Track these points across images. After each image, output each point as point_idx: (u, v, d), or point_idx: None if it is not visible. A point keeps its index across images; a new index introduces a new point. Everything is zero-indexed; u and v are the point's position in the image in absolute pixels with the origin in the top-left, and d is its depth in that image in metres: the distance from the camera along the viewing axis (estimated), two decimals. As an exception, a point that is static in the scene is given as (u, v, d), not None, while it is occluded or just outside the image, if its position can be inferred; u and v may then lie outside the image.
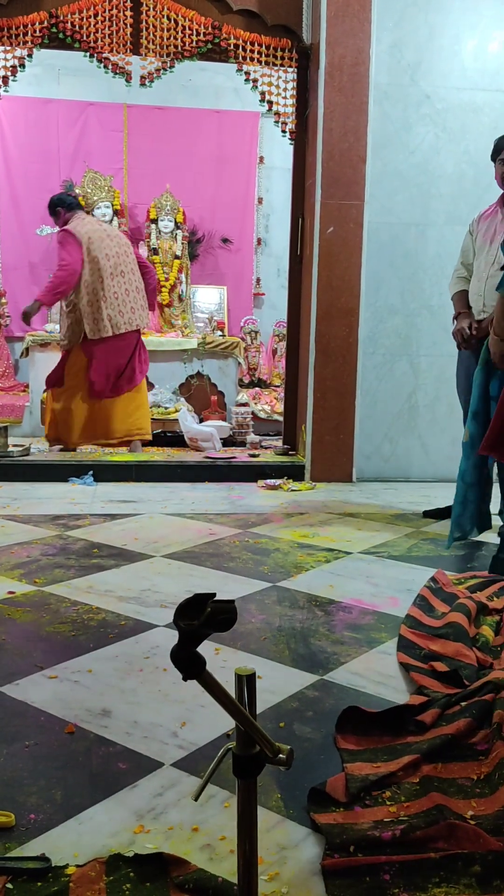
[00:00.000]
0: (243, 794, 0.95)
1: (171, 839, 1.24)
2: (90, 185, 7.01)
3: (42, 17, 4.48)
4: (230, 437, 6.13)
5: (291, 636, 2.15)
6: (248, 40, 4.65)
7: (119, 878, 1.14)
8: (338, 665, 1.96)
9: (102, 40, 4.57)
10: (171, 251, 7.12)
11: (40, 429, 6.32)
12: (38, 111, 7.10)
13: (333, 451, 4.72)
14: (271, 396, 7.13)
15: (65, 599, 2.42)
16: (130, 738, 1.57)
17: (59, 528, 3.38)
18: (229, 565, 2.83)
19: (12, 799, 1.34)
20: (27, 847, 1.22)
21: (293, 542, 3.22)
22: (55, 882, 1.14)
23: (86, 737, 1.57)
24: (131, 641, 2.08)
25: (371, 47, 4.50)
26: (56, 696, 1.75)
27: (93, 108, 7.21)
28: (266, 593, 2.52)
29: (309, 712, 1.70)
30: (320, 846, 1.23)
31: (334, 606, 2.41)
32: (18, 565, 2.78)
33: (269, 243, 7.67)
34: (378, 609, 2.39)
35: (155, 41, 4.62)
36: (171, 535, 3.28)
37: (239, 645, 2.07)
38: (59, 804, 1.33)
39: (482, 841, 1.21)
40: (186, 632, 0.77)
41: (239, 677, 0.93)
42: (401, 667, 1.95)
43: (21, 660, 1.95)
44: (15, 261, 7.24)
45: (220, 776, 1.37)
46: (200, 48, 4.65)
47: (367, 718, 1.62)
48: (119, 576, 2.69)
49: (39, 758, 1.49)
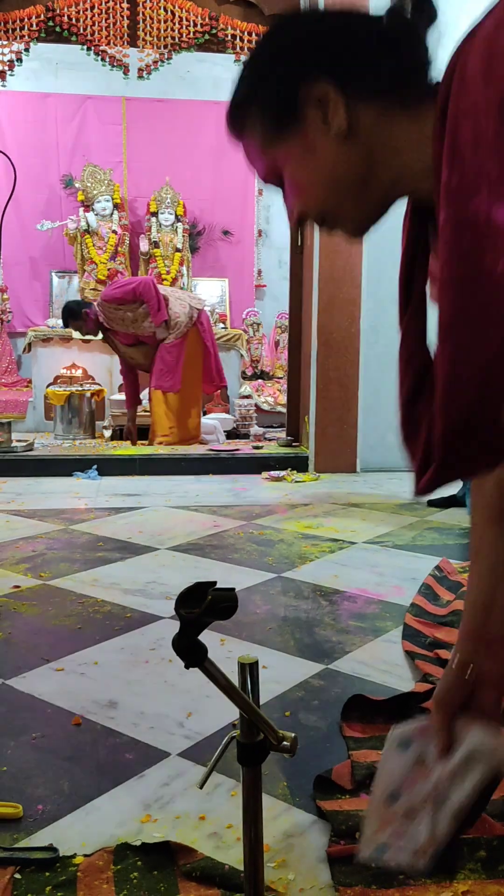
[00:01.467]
0: (248, 781, 0.95)
1: (178, 828, 1.25)
2: (90, 178, 7.00)
3: (38, 11, 4.48)
4: (233, 429, 6.14)
5: (296, 626, 2.15)
6: (246, 30, 4.64)
7: (127, 867, 1.15)
8: (343, 654, 1.96)
9: (99, 33, 4.56)
10: (172, 244, 7.11)
11: (44, 424, 6.35)
12: (37, 106, 7.09)
13: (337, 441, 4.72)
14: (274, 388, 7.13)
15: (70, 593, 2.42)
16: (137, 729, 1.57)
17: (63, 522, 3.39)
18: (234, 557, 2.84)
19: (20, 790, 1.35)
20: (35, 837, 1.22)
21: (297, 532, 3.22)
22: (63, 872, 1.14)
23: (92, 728, 1.58)
24: (137, 633, 2.09)
25: (369, 35, 4.48)
26: (62, 688, 1.76)
27: (91, 102, 7.20)
28: (271, 584, 2.52)
29: (314, 701, 1.70)
30: (326, 833, 1.23)
31: (339, 596, 2.42)
32: (24, 559, 2.79)
33: (269, 235, 7.66)
34: (383, 598, 2.40)
35: (152, 33, 4.61)
36: (175, 528, 3.29)
37: (244, 635, 2.07)
38: (66, 795, 1.34)
39: (488, 826, 1.21)
40: (188, 620, 0.77)
41: (242, 665, 0.94)
42: (406, 655, 1.95)
43: (27, 653, 1.96)
44: (15, 256, 7.24)
45: (226, 765, 1.38)
46: (198, 39, 4.64)
47: (372, 706, 1.62)
48: (124, 569, 2.70)
49: (46, 749, 1.49)
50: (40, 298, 7.36)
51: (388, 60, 0.79)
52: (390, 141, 0.79)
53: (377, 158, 0.79)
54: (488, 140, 0.63)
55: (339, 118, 0.78)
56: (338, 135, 0.78)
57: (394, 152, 0.79)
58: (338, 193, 0.81)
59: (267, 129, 0.82)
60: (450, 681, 0.91)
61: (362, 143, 0.78)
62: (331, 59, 0.78)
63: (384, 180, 0.81)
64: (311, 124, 0.79)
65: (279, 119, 0.80)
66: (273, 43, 0.83)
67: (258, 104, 0.82)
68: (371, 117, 0.78)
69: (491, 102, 0.63)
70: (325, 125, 0.79)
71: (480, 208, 0.64)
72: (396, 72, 0.79)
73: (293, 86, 0.78)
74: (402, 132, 0.78)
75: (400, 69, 0.79)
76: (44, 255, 7.33)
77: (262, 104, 0.82)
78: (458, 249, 0.66)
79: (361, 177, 0.80)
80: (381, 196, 0.82)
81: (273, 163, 0.84)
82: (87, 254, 6.97)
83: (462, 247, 0.66)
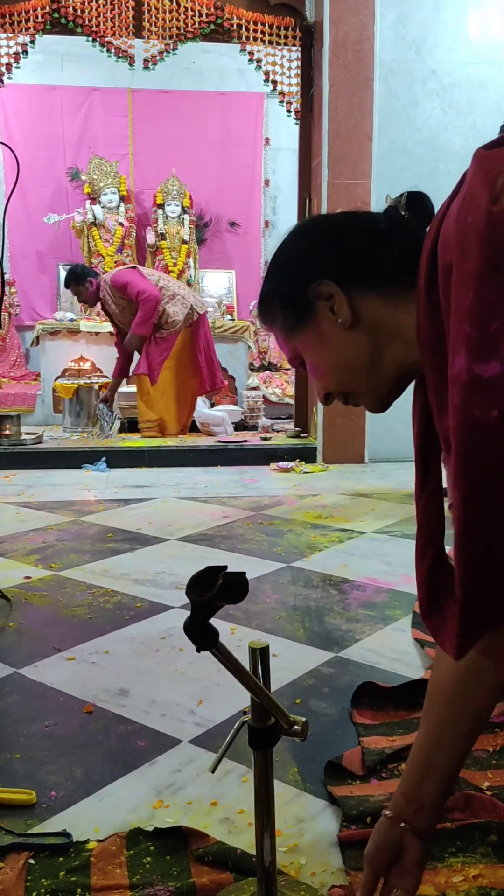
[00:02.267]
0: (259, 765, 0.96)
1: (190, 813, 1.26)
2: (96, 171, 6.98)
3: (44, 3, 4.47)
4: (241, 421, 6.13)
5: (306, 615, 2.16)
6: (251, 20, 4.62)
7: (139, 852, 1.16)
8: (352, 642, 1.97)
9: (105, 24, 4.55)
10: (179, 236, 7.09)
11: (52, 417, 6.35)
12: (42, 98, 7.07)
13: (345, 432, 4.72)
14: (282, 380, 7.12)
15: (80, 583, 2.44)
16: (148, 717, 1.58)
17: (73, 513, 3.41)
18: (243, 547, 2.85)
19: (33, 777, 1.36)
20: (49, 823, 1.24)
21: (306, 522, 3.23)
22: (76, 857, 1.15)
23: (104, 716, 1.59)
24: (147, 623, 2.10)
25: (375, 23, 4.45)
26: (74, 676, 1.77)
27: (97, 94, 7.18)
28: (280, 573, 2.53)
29: (325, 688, 1.71)
30: (337, 818, 1.24)
31: (348, 585, 2.42)
32: (34, 551, 2.81)
33: (276, 225, 7.63)
34: (392, 587, 2.40)
35: (157, 23, 4.59)
36: (184, 519, 3.30)
37: (254, 624, 2.08)
38: (79, 781, 1.35)
39: (498, 811, 1.21)
40: (199, 604, 0.78)
41: (253, 650, 0.94)
42: (415, 643, 1.96)
43: (39, 642, 1.98)
44: (22, 249, 7.24)
45: (237, 752, 1.39)
46: (203, 29, 4.62)
47: (382, 693, 1.63)
48: (134, 559, 2.71)
49: (59, 737, 1.51)
50: (48, 291, 7.36)
51: (384, 257, 0.90)
52: (392, 325, 0.89)
53: (382, 341, 0.90)
54: (464, 306, 0.71)
55: (343, 311, 0.89)
56: (344, 325, 0.89)
57: (395, 334, 0.89)
58: (351, 375, 0.93)
59: (287, 322, 0.94)
60: (380, 838, 0.95)
61: (367, 330, 0.90)
62: (333, 262, 0.91)
63: (392, 360, 0.91)
64: (322, 318, 0.91)
65: (295, 313, 0.93)
66: (288, 248, 0.96)
67: (278, 302, 0.95)
68: (373, 307, 0.89)
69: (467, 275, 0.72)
70: (334, 317, 0.90)
71: (462, 366, 0.72)
72: (391, 266, 0.89)
73: (304, 286, 0.91)
74: (402, 315, 0.88)
75: (394, 264, 0.89)
76: (50, 248, 7.32)
77: (281, 302, 0.95)
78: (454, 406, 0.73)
79: (370, 359, 0.91)
80: (393, 374, 0.92)
81: (295, 350, 0.96)
82: (93, 246, 6.97)
83: (456, 403, 0.73)
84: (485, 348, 0.70)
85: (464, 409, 0.72)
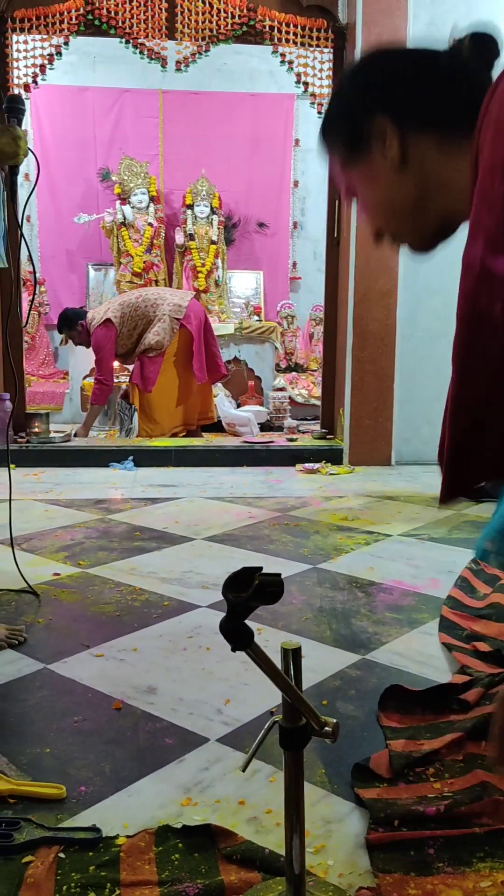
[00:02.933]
0: (290, 765, 0.97)
1: (217, 812, 1.27)
2: (126, 171, 7.03)
3: (77, 4, 4.50)
4: (267, 421, 6.14)
5: (333, 617, 2.16)
6: (284, 21, 4.62)
7: (168, 849, 1.17)
8: (379, 645, 1.96)
9: (138, 26, 4.58)
10: (208, 236, 7.12)
11: (80, 415, 6.41)
12: (74, 99, 7.13)
13: (372, 434, 4.70)
14: (308, 381, 7.12)
15: (108, 581, 2.46)
16: (176, 714, 1.59)
17: (101, 511, 3.43)
18: (269, 548, 2.85)
19: (63, 772, 1.38)
20: (78, 818, 1.25)
21: (332, 524, 3.22)
22: (106, 852, 1.16)
23: (132, 713, 1.60)
24: (174, 621, 2.11)
25: (408, 25, 4.43)
26: (102, 673, 1.79)
27: (128, 95, 7.23)
28: (306, 575, 2.53)
29: (351, 691, 1.71)
30: (364, 821, 1.24)
31: (375, 588, 2.42)
32: (63, 548, 2.83)
33: (305, 226, 7.63)
34: (419, 590, 2.39)
35: (190, 25, 4.61)
36: (210, 519, 3.31)
37: (281, 625, 2.08)
38: (108, 777, 1.36)
39: (528, 817, 1.21)
40: (235, 604, 0.79)
41: (285, 651, 0.95)
42: (443, 647, 1.95)
43: (68, 639, 2.00)
44: (53, 249, 7.30)
45: (264, 752, 1.39)
46: (235, 31, 4.63)
47: (409, 697, 1.63)
48: (161, 558, 2.72)
49: (88, 732, 1.52)
50: (77, 291, 7.42)
51: (442, 98, 0.88)
52: (442, 174, 0.88)
53: (430, 189, 0.90)
54: (490, 195, 0.72)
55: (393, 150, 0.88)
56: (393, 165, 0.89)
57: (444, 184, 0.89)
58: (395, 216, 0.93)
59: (343, 154, 0.95)
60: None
61: (416, 176, 0.89)
62: (391, 98, 0.90)
63: (437, 208, 0.91)
64: (374, 154, 0.91)
65: (351, 147, 0.94)
66: (349, 80, 0.97)
67: (337, 132, 0.96)
68: (425, 150, 0.88)
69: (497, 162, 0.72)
70: (385, 157, 0.90)
71: (477, 255, 0.73)
72: (449, 109, 0.88)
73: (360, 120, 0.91)
74: (453, 166, 0.87)
75: (452, 107, 0.88)
76: (80, 248, 7.38)
77: (339, 133, 0.95)
78: (462, 289, 0.76)
79: (415, 203, 0.91)
80: (438, 221, 0.92)
81: (349, 182, 0.97)
82: (123, 246, 7.02)
83: (464, 287, 0.75)
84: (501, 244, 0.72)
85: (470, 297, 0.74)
